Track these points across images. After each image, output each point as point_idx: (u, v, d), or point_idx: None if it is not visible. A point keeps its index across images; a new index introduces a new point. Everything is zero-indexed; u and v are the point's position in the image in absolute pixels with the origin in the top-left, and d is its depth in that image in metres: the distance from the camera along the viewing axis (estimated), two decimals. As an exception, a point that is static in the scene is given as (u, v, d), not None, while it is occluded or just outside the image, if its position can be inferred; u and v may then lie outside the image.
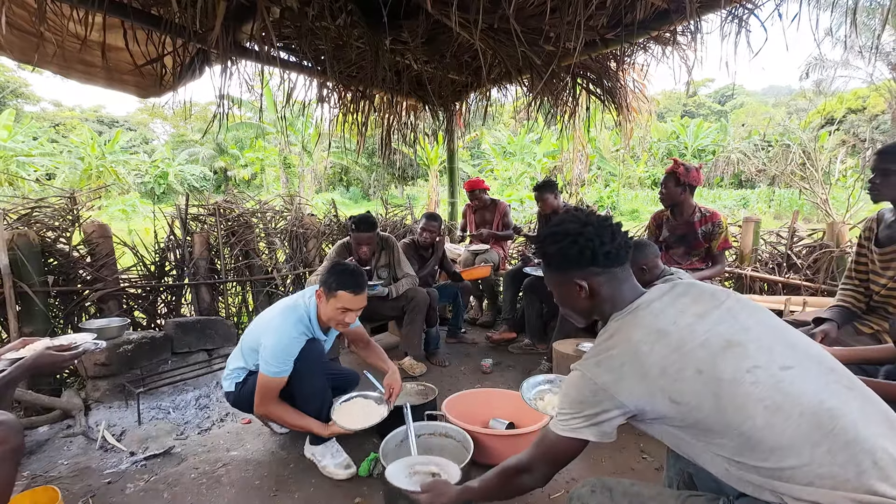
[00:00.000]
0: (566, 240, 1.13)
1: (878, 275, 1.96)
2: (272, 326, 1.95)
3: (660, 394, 0.96)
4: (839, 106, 22.59)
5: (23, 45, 2.47)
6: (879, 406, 0.95)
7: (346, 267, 2.00)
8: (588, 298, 1.14)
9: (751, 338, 0.98)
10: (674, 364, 0.96)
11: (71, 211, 3.12)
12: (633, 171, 23.91)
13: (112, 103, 65.76)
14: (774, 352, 0.97)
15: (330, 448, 2.04)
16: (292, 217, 4.06)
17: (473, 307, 4.72)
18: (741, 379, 0.92)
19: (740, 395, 0.91)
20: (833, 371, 0.97)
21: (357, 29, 2.92)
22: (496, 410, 2.29)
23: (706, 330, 0.99)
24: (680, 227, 2.99)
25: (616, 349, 1.03)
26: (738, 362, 0.94)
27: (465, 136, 5.37)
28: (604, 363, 1.03)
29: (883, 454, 0.85)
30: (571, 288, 1.15)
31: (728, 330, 0.99)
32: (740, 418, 0.90)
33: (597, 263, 1.11)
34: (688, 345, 0.97)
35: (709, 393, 0.92)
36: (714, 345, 0.96)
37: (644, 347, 0.99)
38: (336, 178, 28.36)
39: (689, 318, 1.02)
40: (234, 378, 2.09)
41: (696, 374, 0.94)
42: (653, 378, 0.97)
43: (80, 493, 1.89)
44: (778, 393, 0.90)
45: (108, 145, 22.14)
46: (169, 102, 3.14)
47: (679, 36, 3.08)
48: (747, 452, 0.91)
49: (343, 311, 1.94)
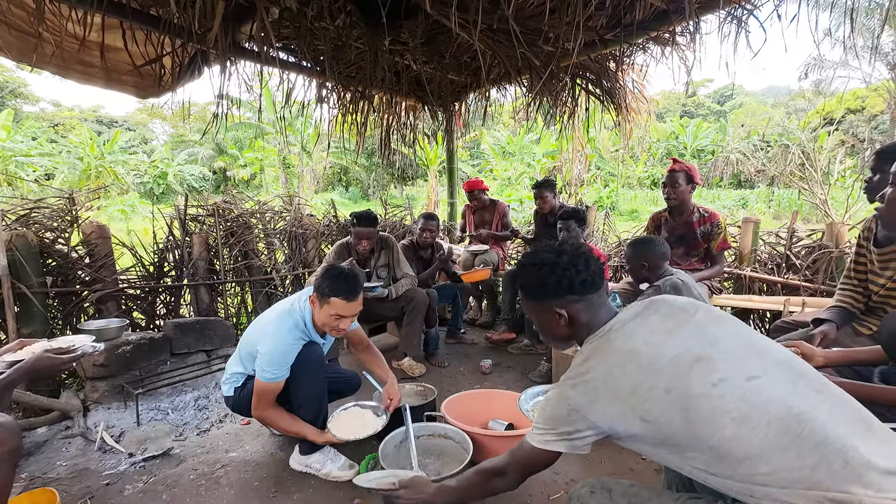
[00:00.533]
0: (543, 269, 1.18)
1: (877, 275, 1.96)
2: (268, 332, 1.92)
3: (631, 413, 1.00)
4: (838, 106, 22.62)
5: (21, 45, 2.46)
6: (851, 405, 0.97)
7: (340, 271, 1.94)
8: (567, 326, 1.19)
9: (718, 350, 1.01)
10: (644, 384, 1.00)
11: (70, 211, 3.11)
12: (632, 172, 23.94)
13: (111, 103, 65.95)
14: (742, 362, 0.99)
15: (327, 454, 2.02)
16: (291, 217, 4.06)
17: (473, 307, 4.72)
18: (708, 393, 0.95)
19: (708, 409, 0.94)
20: (803, 376, 1.00)
21: (356, 29, 2.92)
22: (495, 411, 2.29)
23: (675, 346, 1.03)
24: (679, 227, 2.99)
25: (591, 373, 1.07)
26: (705, 376, 0.97)
27: (465, 137, 5.36)
28: (579, 386, 1.07)
29: (854, 453, 0.87)
30: (551, 316, 1.20)
31: (697, 344, 1.03)
32: (708, 431, 0.93)
33: (574, 291, 1.16)
34: (657, 364, 1.01)
35: (678, 409, 0.96)
36: (683, 361, 1.00)
37: (616, 370, 1.04)
38: (335, 179, 28.35)
39: (660, 337, 1.06)
40: (234, 382, 2.08)
41: (665, 393, 0.97)
42: (624, 398, 1.01)
43: (79, 495, 1.89)
44: (744, 403, 0.93)
45: (107, 145, 22.11)
46: (168, 103, 3.13)
47: (678, 36, 3.08)
48: (718, 463, 0.93)
49: (337, 318, 1.88)
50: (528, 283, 1.23)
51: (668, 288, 2.12)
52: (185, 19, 2.37)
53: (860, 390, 1.33)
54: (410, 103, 4.56)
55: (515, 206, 14.08)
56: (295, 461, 2.05)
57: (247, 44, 2.95)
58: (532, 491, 1.88)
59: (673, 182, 2.90)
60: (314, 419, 1.99)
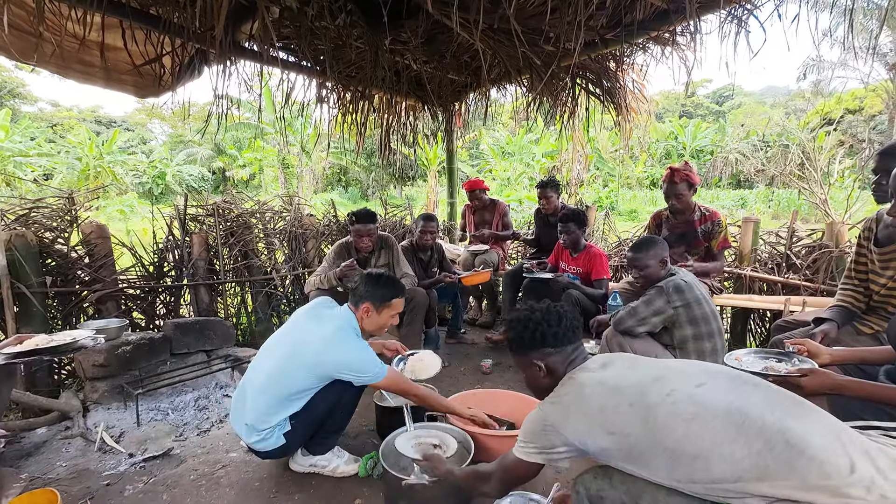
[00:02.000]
0: (519, 325, 1.36)
1: (878, 274, 1.96)
2: (340, 350, 1.85)
3: (598, 428, 1.14)
4: (837, 106, 22.66)
5: (21, 44, 2.45)
6: (785, 394, 1.12)
7: (387, 277, 2.06)
8: (546, 377, 1.34)
9: (672, 371, 1.20)
10: (610, 401, 1.16)
11: (69, 211, 3.10)
12: (631, 172, 23.94)
13: (110, 103, 65.47)
14: (690, 376, 1.17)
15: (335, 451, 2.03)
16: (291, 217, 4.05)
17: (473, 308, 4.72)
18: (662, 401, 1.10)
19: (662, 415, 1.08)
20: (744, 381, 1.15)
21: (357, 29, 2.91)
22: (496, 411, 2.28)
23: (637, 374, 1.21)
24: (679, 225, 3.00)
25: (565, 396, 1.24)
26: (660, 389, 1.13)
27: (464, 137, 5.36)
28: (555, 405, 1.25)
29: (792, 433, 0.98)
30: (532, 368, 1.35)
31: (654, 370, 1.22)
32: (663, 434, 1.06)
33: (547, 344, 1.32)
34: (621, 385, 1.18)
35: (638, 419, 1.10)
36: (643, 381, 1.17)
37: (587, 391, 1.21)
38: (335, 179, 28.34)
39: (624, 371, 1.25)
40: (280, 429, 1.88)
41: (628, 407, 1.12)
42: (593, 415, 1.16)
43: (79, 496, 1.88)
44: (692, 405, 1.07)
45: (105, 145, 22.08)
46: (167, 103, 3.13)
47: (678, 36, 3.08)
48: (677, 467, 1.05)
49: (394, 316, 2.06)
50: (511, 338, 1.39)
51: (671, 289, 2.11)
52: (185, 19, 2.37)
53: (869, 389, 1.32)
54: (410, 103, 4.55)
55: (515, 205, 14.08)
56: (297, 463, 2.03)
57: (247, 43, 2.95)
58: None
59: (676, 193, 2.90)
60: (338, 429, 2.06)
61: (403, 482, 1.62)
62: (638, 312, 2.17)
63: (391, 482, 1.71)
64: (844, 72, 17.01)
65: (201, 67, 2.90)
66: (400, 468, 1.78)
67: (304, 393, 1.87)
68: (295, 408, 1.88)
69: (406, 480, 1.62)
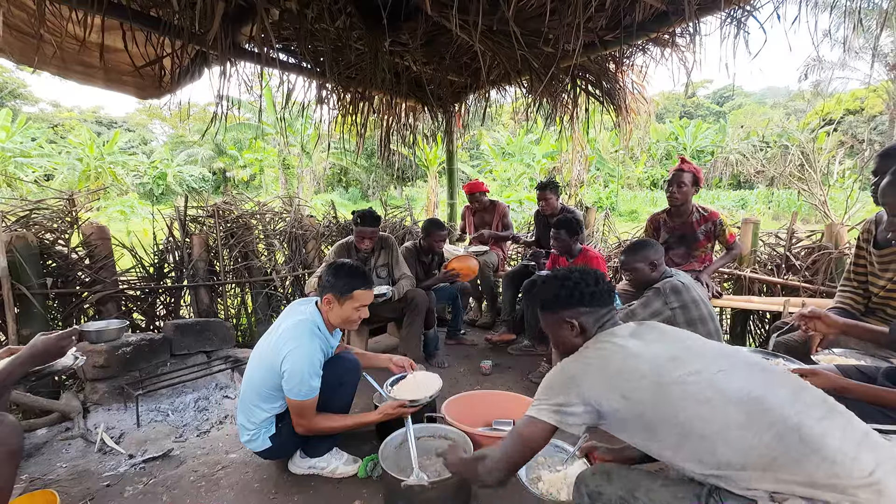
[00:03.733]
0: (556, 283, 1.37)
1: (877, 276, 1.96)
2: (290, 348, 1.82)
3: (615, 391, 1.15)
4: (837, 107, 22.66)
5: (22, 46, 2.46)
6: (813, 392, 1.09)
7: (350, 267, 1.98)
8: (578, 335, 1.34)
9: (692, 353, 1.19)
10: (627, 368, 1.17)
11: (69, 212, 3.11)
12: (632, 172, 23.95)
13: (111, 104, 65.86)
14: (712, 361, 1.16)
15: (333, 453, 2.04)
16: (291, 218, 4.06)
17: (473, 308, 4.72)
18: (678, 381, 1.11)
19: (676, 394, 1.09)
20: (765, 370, 1.15)
21: (356, 31, 2.92)
22: (495, 412, 2.29)
23: (661, 348, 1.21)
24: (678, 227, 3.00)
25: (587, 355, 1.27)
26: (678, 369, 1.13)
27: (464, 137, 5.36)
28: (578, 360, 1.27)
29: (808, 431, 0.97)
30: (564, 328, 1.35)
31: (678, 347, 1.22)
32: (674, 411, 1.08)
33: (583, 303, 1.33)
34: (643, 355, 1.19)
35: (650, 393, 1.12)
36: (662, 358, 1.18)
37: (607, 353, 1.23)
38: (335, 179, 28.35)
39: (650, 343, 1.24)
40: (266, 432, 1.93)
41: (642, 379, 1.14)
42: (610, 376, 1.18)
43: (79, 497, 1.89)
44: (710, 389, 1.08)
45: (106, 146, 22.09)
46: (168, 103, 3.13)
47: (678, 38, 3.09)
48: (684, 443, 1.07)
49: (358, 309, 1.97)
50: (545, 295, 1.39)
51: (668, 290, 2.12)
52: (185, 20, 2.37)
53: (871, 392, 1.32)
54: (410, 104, 4.56)
55: (515, 206, 14.07)
56: (296, 465, 2.04)
57: (247, 45, 2.95)
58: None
59: (679, 182, 2.90)
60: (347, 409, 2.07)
61: (403, 483, 1.62)
62: (636, 314, 2.18)
63: (390, 483, 1.71)
64: (845, 72, 17.03)
65: (202, 69, 2.90)
66: (399, 469, 1.78)
67: (277, 391, 1.89)
68: (276, 408, 1.93)
69: (405, 482, 1.63)
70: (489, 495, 1.87)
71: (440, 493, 1.66)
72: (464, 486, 1.79)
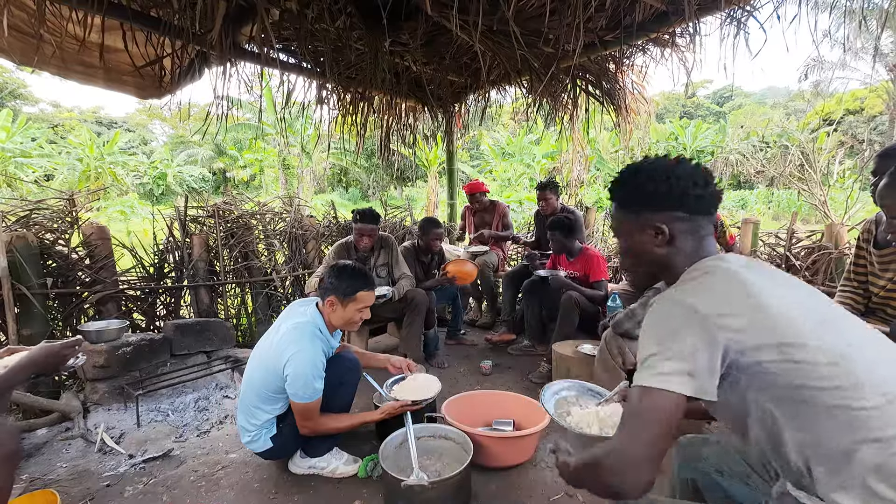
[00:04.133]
0: (651, 173, 1.00)
1: (877, 276, 1.96)
2: (292, 351, 1.81)
3: (765, 324, 0.83)
4: (837, 107, 22.66)
5: (22, 46, 2.46)
6: None
7: (352, 268, 1.98)
8: (664, 246, 1.01)
9: (844, 325, 0.90)
10: (781, 300, 0.86)
11: (70, 213, 3.11)
12: (632, 172, 23.89)
13: (111, 104, 65.86)
14: (843, 331, 0.88)
15: (333, 453, 2.04)
16: (291, 218, 4.06)
17: (473, 309, 4.72)
18: (844, 351, 0.83)
19: (859, 365, 0.82)
20: None
21: (356, 31, 2.92)
22: (495, 412, 2.29)
23: (800, 296, 0.92)
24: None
25: (713, 276, 0.91)
26: (837, 337, 0.85)
27: (464, 137, 5.37)
28: (696, 287, 0.90)
29: None
30: (646, 233, 1.02)
31: (818, 304, 0.92)
32: (860, 393, 0.80)
33: (684, 207, 0.98)
34: (787, 299, 0.88)
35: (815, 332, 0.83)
36: (813, 314, 0.87)
37: (745, 276, 0.88)
38: (335, 180, 28.35)
39: (776, 284, 0.92)
40: (267, 433, 1.94)
41: (802, 316, 0.85)
42: (754, 302, 0.85)
43: (79, 497, 1.89)
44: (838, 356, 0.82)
45: (106, 146, 22.09)
46: (168, 104, 3.14)
47: (678, 38, 3.09)
48: (849, 390, 0.80)
49: (361, 310, 1.97)
50: (629, 189, 1.04)
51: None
52: (186, 20, 2.38)
53: None
54: (410, 104, 4.56)
55: (515, 206, 14.07)
56: (296, 465, 2.04)
57: (247, 45, 2.96)
58: (532, 493, 1.88)
59: None
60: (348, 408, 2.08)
61: (403, 483, 1.62)
62: (636, 315, 2.18)
63: (390, 483, 1.71)
64: (845, 72, 17.03)
65: (202, 69, 2.91)
66: (399, 469, 1.78)
67: (278, 394, 1.89)
68: (278, 409, 1.93)
69: (405, 482, 1.63)
70: (489, 495, 1.87)
71: (440, 493, 1.66)
72: (464, 486, 1.78)
